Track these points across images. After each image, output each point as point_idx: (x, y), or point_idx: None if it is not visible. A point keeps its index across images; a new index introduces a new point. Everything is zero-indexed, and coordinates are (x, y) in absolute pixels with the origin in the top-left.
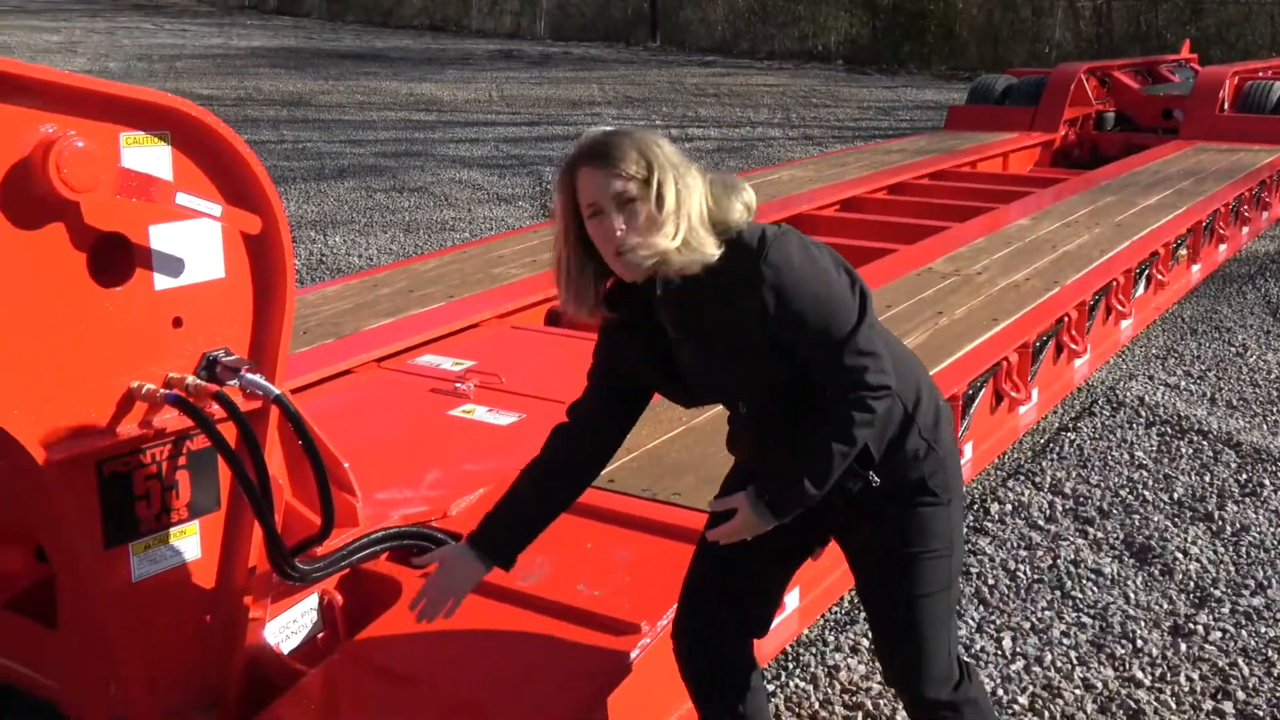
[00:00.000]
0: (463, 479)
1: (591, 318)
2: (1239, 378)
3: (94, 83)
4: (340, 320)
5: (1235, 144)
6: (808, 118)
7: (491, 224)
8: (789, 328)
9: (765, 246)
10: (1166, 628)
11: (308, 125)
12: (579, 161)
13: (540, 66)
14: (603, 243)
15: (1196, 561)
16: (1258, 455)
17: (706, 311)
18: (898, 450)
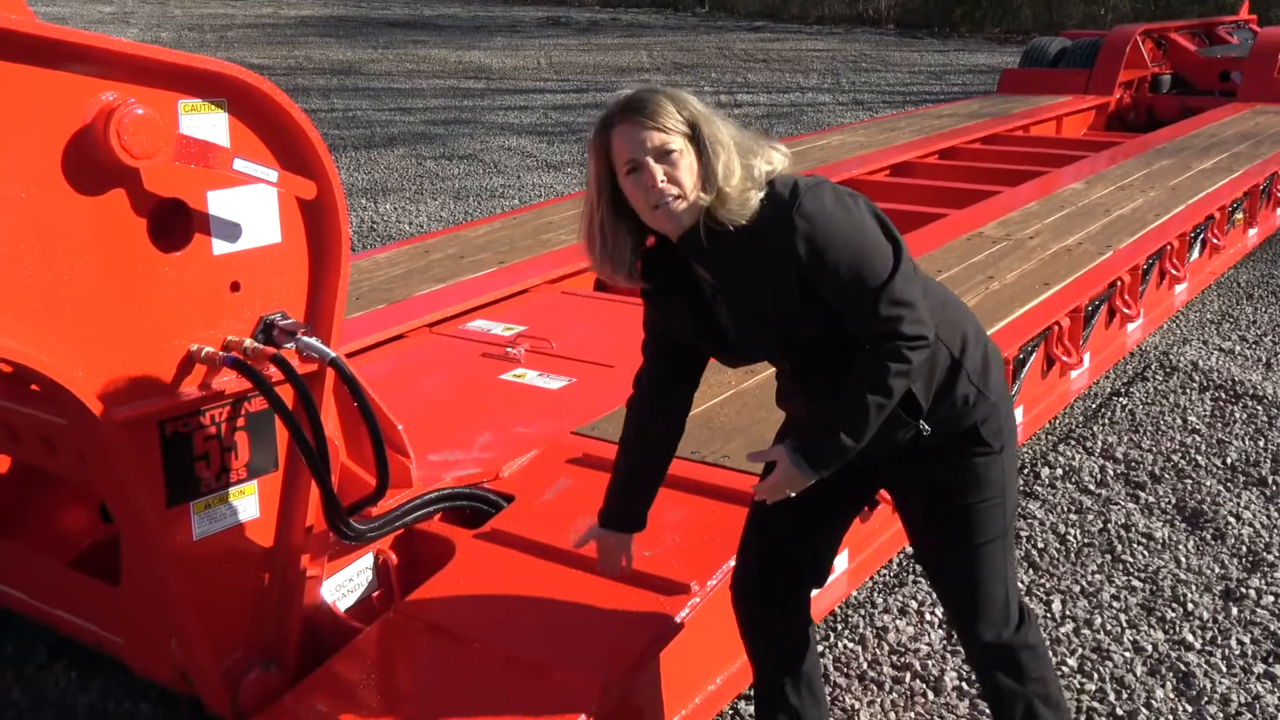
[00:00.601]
0: (514, 441)
1: (628, 283)
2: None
3: (153, 50)
4: (392, 286)
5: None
6: (858, 83)
7: (541, 190)
8: (823, 278)
9: (798, 196)
10: (1218, 591)
11: (358, 94)
12: (614, 120)
13: (589, 33)
14: (640, 196)
15: (1249, 526)
16: None
17: (742, 266)
18: (946, 397)
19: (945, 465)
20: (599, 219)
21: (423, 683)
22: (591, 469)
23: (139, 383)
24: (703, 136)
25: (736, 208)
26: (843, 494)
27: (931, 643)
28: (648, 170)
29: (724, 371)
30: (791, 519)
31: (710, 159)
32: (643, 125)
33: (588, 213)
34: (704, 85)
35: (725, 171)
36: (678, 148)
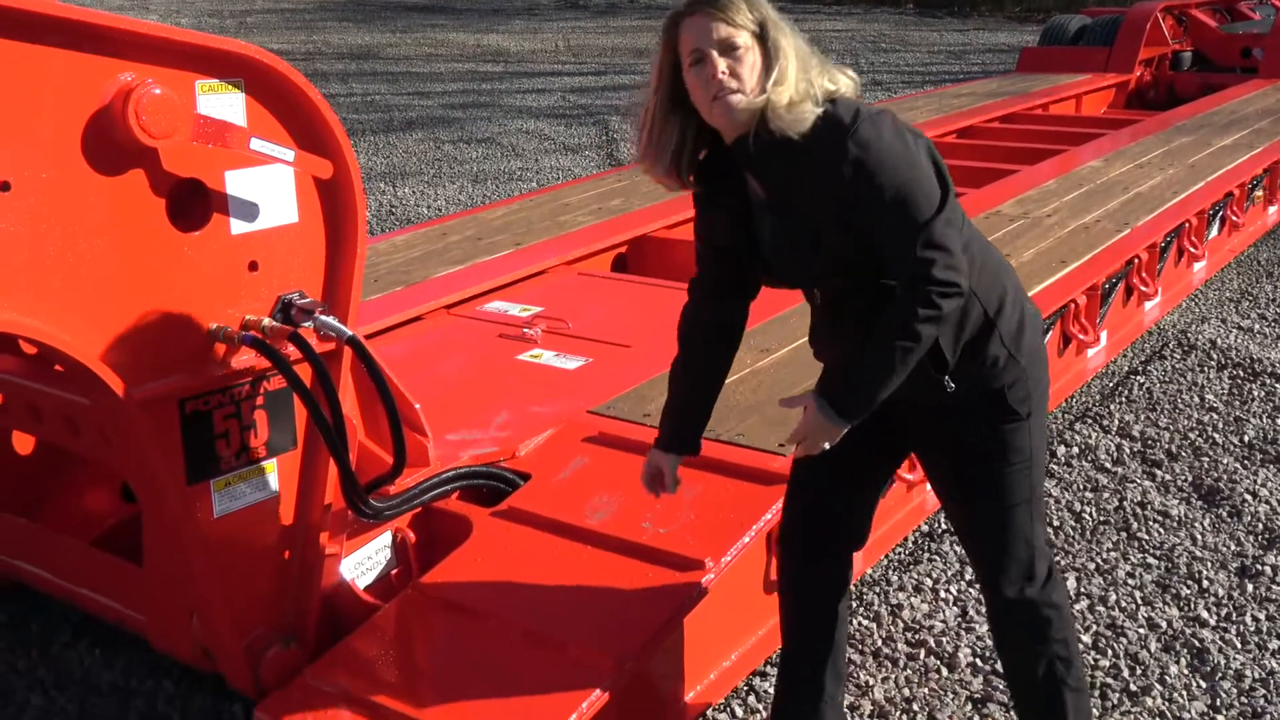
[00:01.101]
0: (531, 421)
1: (670, 182)
2: None
3: (170, 30)
4: (410, 268)
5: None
6: (877, 63)
7: (559, 173)
8: (865, 207)
9: (857, 121)
10: (1234, 569)
11: (376, 78)
12: (686, 10)
13: (606, 15)
14: (701, 88)
15: (1266, 504)
16: None
17: (790, 180)
18: (976, 356)
19: (970, 428)
20: (652, 108)
21: (440, 659)
22: (607, 447)
23: (159, 361)
24: (769, 37)
25: (790, 118)
26: (874, 452)
27: (946, 620)
28: (711, 61)
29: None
30: (828, 478)
31: (777, 63)
32: (712, 17)
33: (644, 110)
34: None
35: (782, 77)
36: (744, 43)
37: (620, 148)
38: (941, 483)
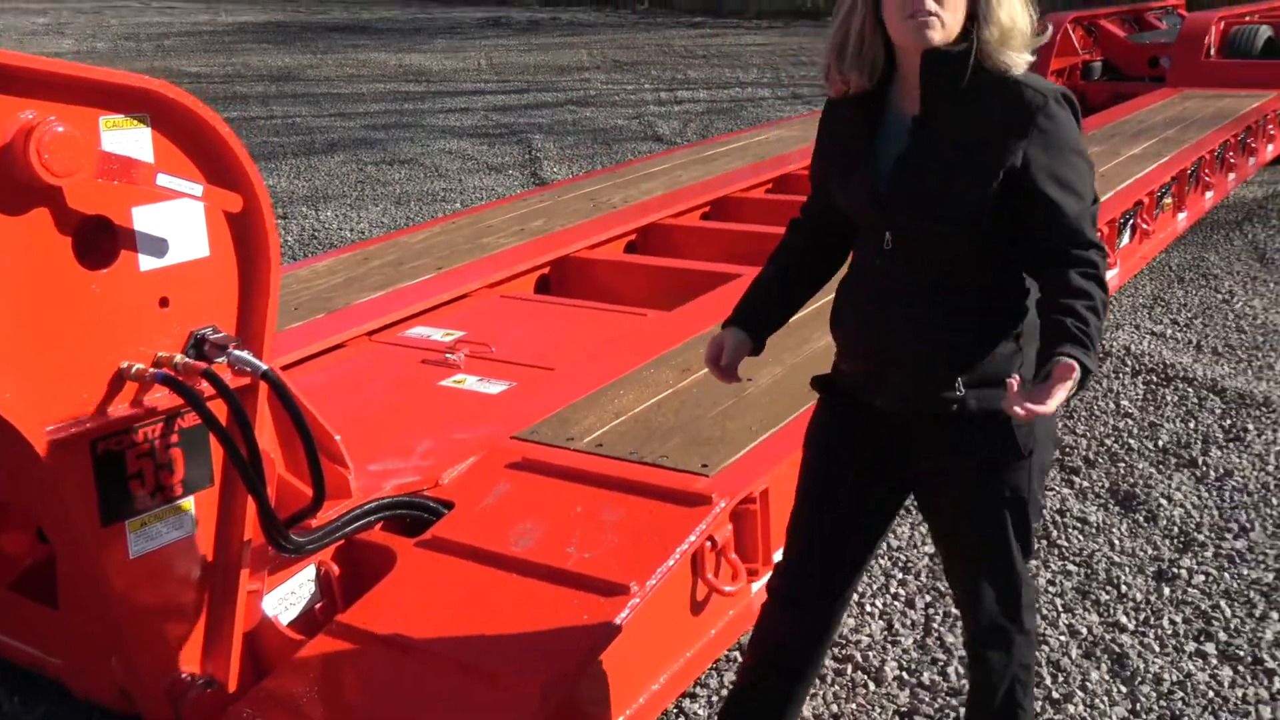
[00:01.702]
0: (454, 448)
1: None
2: (1225, 324)
3: (72, 67)
4: (331, 294)
5: (1222, 90)
6: (797, 76)
7: (482, 194)
8: (1038, 177)
9: (1059, 94)
10: (1151, 573)
11: (297, 100)
12: None
13: (529, 33)
14: (897, 3)
15: (1180, 507)
16: (1241, 401)
17: (959, 108)
18: (993, 369)
19: (972, 461)
20: (859, 21)
21: (366, 693)
22: (531, 473)
23: (69, 402)
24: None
25: (1011, 51)
26: (877, 495)
27: (872, 634)
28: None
29: (660, 370)
30: (834, 523)
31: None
32: None
33: (845, 14)
34: (644, 83)
35: (1009, 13)
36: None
37: (544, 166)
38: (936, 513)
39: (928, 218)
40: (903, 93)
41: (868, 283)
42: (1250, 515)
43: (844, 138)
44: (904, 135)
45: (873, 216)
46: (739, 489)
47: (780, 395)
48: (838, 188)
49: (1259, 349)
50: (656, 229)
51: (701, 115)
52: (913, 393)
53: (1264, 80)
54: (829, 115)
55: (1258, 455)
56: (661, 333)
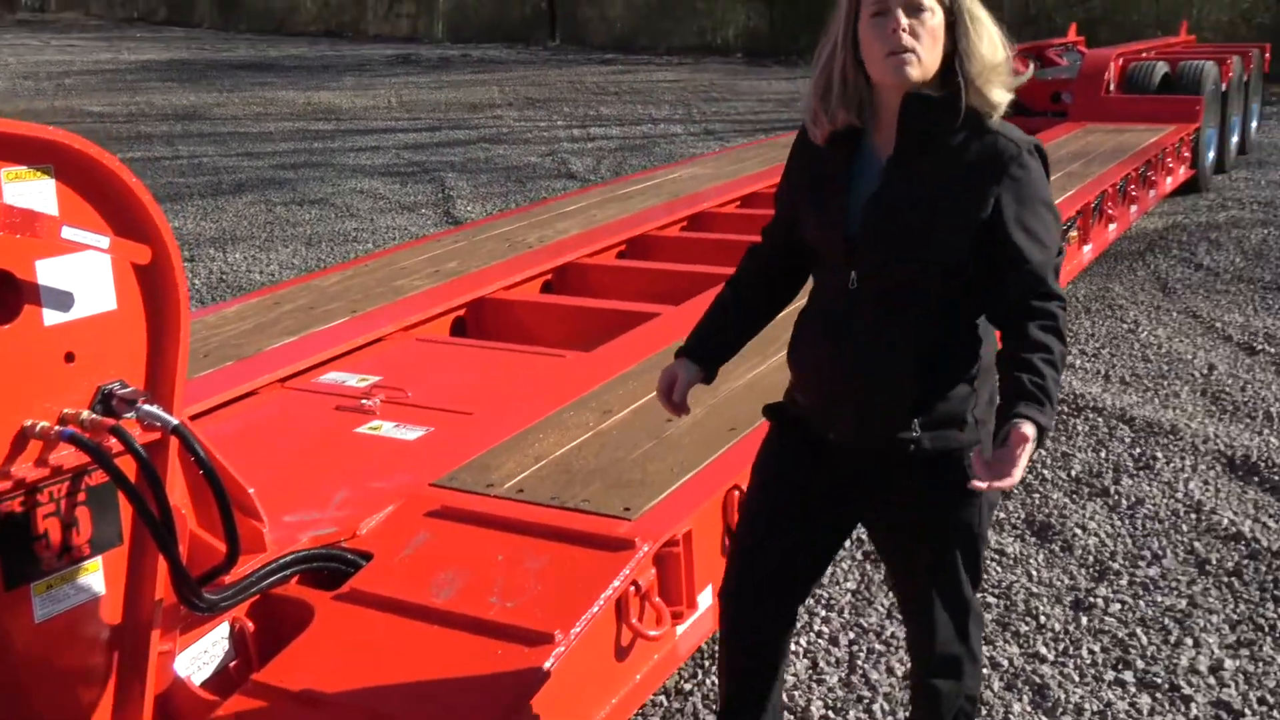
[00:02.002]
0: (371, 497)
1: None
2: (1131, 354)
3: None
4: (242, 341)
5: (1122, 124)
6: (709, 112)
7: (395, 233)
8: (1006, 224)
9: (1032, 145)
10: (1068, 602)
11: (203, 139)
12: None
13: (439, 70)
14: (877, 42)
15: (1095, 536)
16: (1150, 429)
17: (937, 157)
18: (947, 405)
19: (923, 497)
20: (840, 63)
21: None
22: (451, 521)
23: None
24: (961, 8)
25: (991, 90)
26: (826, 525)
27: (797, 673)
28: (894, 17)
29: (580, 412)
30: (780, 549)
31: (969, 30)
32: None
33: (827, 57)
34: (557, 120)
35: (990, 49)
36: (930, 6)
37: (457, 205)
38: (888, 547)
39: (896, 260)
40: (879, 133)
41: (829, 319)
42: (1162, 542)
43: (817, 172)
44: (877, 176)
45: (840, 254)
46: (662, 532)
47: (701, 436)
48: (808, 222)
49: (1165, 378)
50: (573, 268)
51: (615, 152)
52: (867, 430)
53: (1161, 115)
54: (802, 146)
55: (1167, 483)
56: (580, 374)
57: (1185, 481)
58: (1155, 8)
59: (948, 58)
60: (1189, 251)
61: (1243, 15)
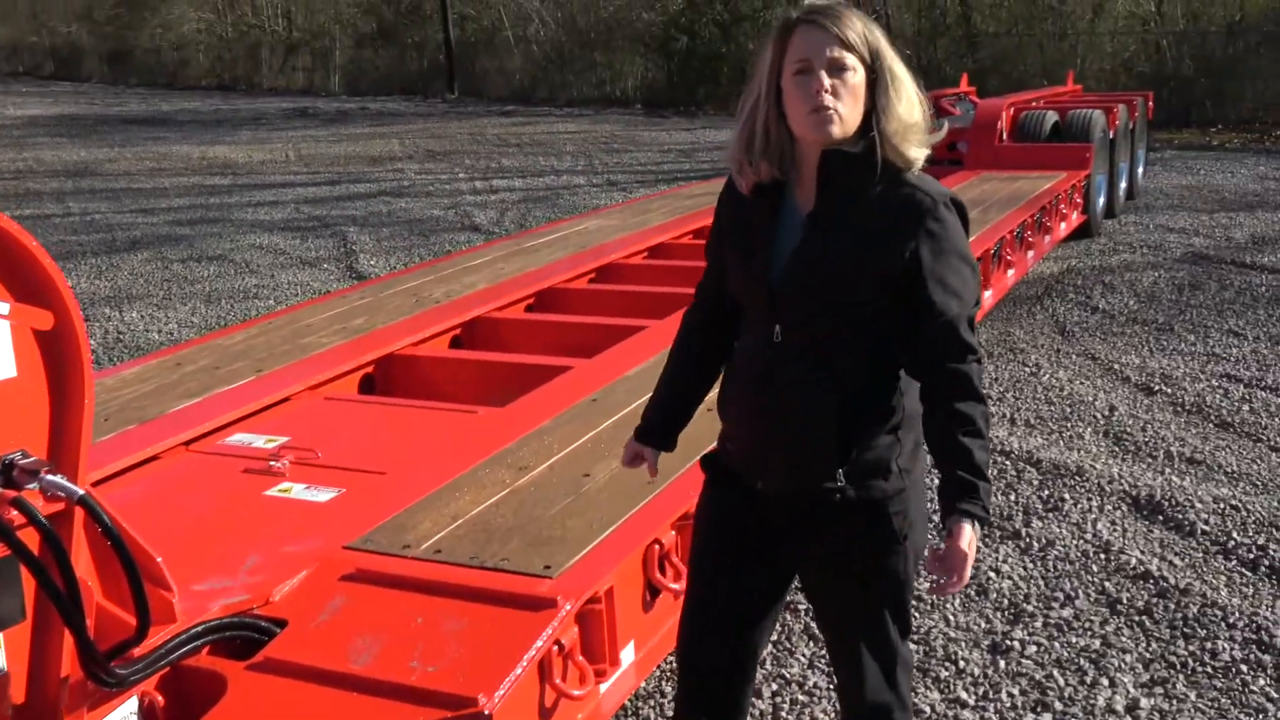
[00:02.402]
0: (284, 562)
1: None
2: (1035, 397)
3: None
4: (143, 403)
5: (1016, 172)
6: (611, 163)
7: (297, 289)
8: (922, 277)
9: (948, 199)
10: (986, 646)
11: (95, 196)
12: (800, 21)
13: (337, 123)
14: (800, 99)
15: (1009, 579)
16: (1057, 471)
17: (857, 211)
18: (873, 460)
19: (850, 545)
20: (764, 116)
21: None
22: (367, 584)
23: None
24: (883, 66)
25: (907, 147)
26: (763, 579)
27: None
28: (816, 75)
29: (496, 469)
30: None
31: (888, 89)
32: (826, 31)
33: (750, 109)
34: (459, 172)
35: (891, 110)
36: (852, 65)
37: (360, 260)
38: (818, 595)
39: (818, 313)
40: (801, 186)
41: (754, 370)
42: (1074, 583)
43: (743, 223)
44: (799, 229)
45: (764, 307)
46: (584, 589)
47: (619, 490)
48: (734, 274)
49: (1068, 420)
50: (481, 323)
51: (518, 204)
52: (794, 480)
53: (1053, 162)
54: (729, 196)
55: (1075, 524)
56: (494, 430)
57: (1093, 522)
58: (1040, 57)
59: (867, 114)
60: (1085, 295)
61: (1124, 65)
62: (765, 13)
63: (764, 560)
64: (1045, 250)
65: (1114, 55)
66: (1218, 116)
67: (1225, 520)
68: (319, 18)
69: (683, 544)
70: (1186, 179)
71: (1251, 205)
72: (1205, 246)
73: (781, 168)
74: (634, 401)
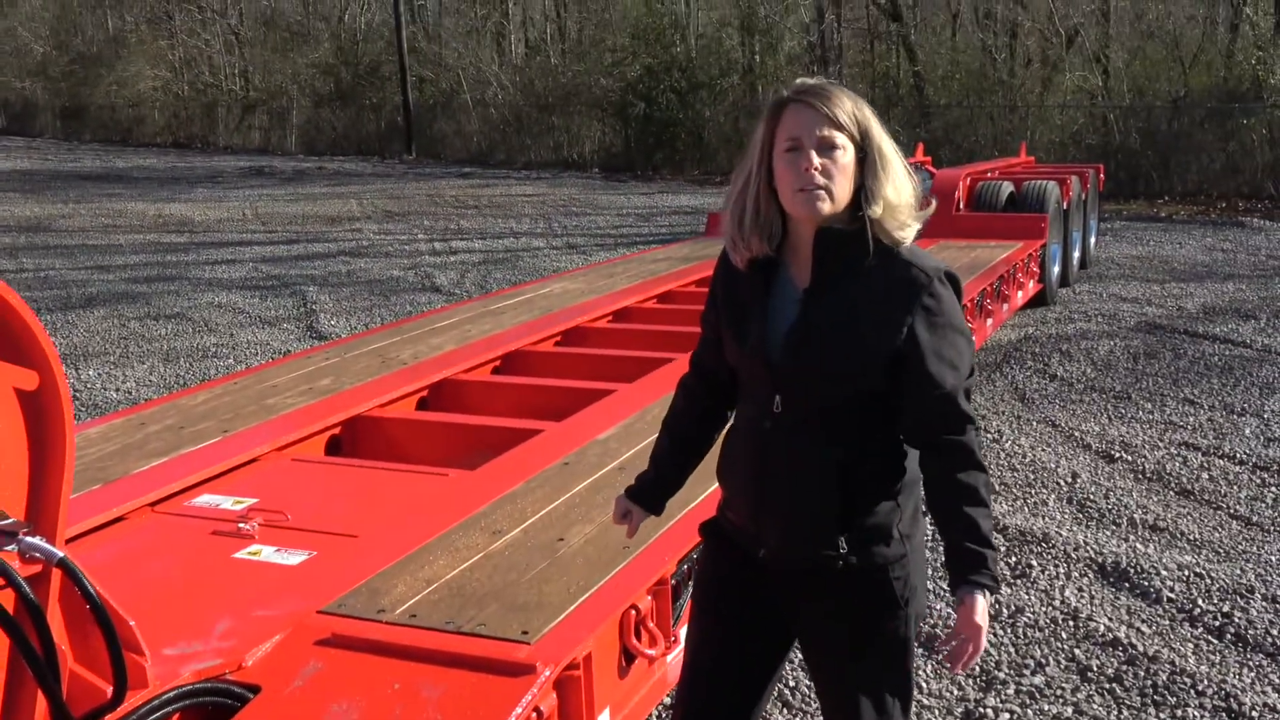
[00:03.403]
0: (256, 626)
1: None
2: (998, 463)
3: None
4: (107, 463)
5: (973, 240)
6: (570, 226)
7: (256, 348)
8: (920, 351)
9: (943, 273)
10: (959, 714)
11: (49, 252)
12: (792, 99)
13: (294, 183)
14: (790, 176)
15: None
16: (1023, 537)
17: (847, 281)
18: (873, 526)
19: (850, 612)
20: (754, 190)
21: None
22: (342, 649)
23: None
24: (872, 145)
25: (896, 226)
26: (761, 645)
27: None
28: (806, 154)
29: (470, 533)
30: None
31: (877, 169)
32: (816, 110)
33: (742, 186)
34: (418, 233)
35: (895, 189)
36: (841, 144)
37: (321, 319)
38: (818, 661)
39: (816, 385)
40: (795, 262)
41: (754, 440)
42: (1044, 650)
43: (739, 299)
44: (795, 304)
45: (763, 380)
46: (562, 655)
47: (595, 555)
48: (731, 347)
49: (1031, 486)
50: (448, 385)
51: (479, 265)
52: (795, 547)
53: (1010, 232)
54: (725, 270)
55: (1044, 591)
56: (466, 493)
57: (1061, 589)
58: (991, 128)
59: (859, 190)
60: (1043, 362)
61: (1073, 137)
62: (721, 80)
63: (764, 626)
64: (1004, 318)
65: (1063, 128)
66: (1164, 189)
67: (1190, 587)
68: (277, 78)
69: (659, 609)
70: (1137, 249)
71: (1201, 276)
72: (1158, 316)
73: (772, 244)
74: (607, 464)
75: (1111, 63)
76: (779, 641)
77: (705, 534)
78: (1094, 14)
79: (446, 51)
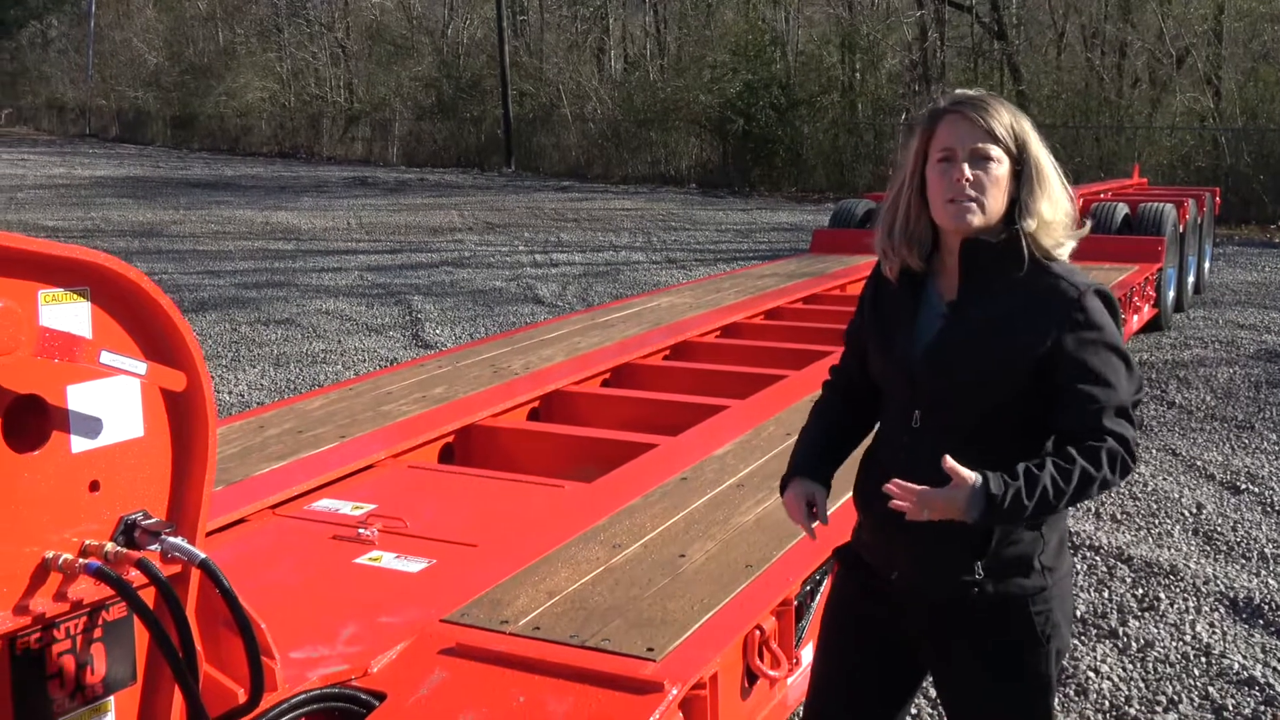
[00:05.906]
0: (381, 633)
1: (910, 261)
2: (1118, 491)
3: (10, 238)
4: (229, 465)
5: (1088, 263)
6: (669, 241)
7: (363, 355)
8: (1068, 368)
9: (1095, 289)
10: None
11: (161, 256)
12: (949, 110)
13: (396, 193)
14: (941, 186)
15: (1108, 680)
16: (1149, 569)
17: (999, 300)
18: (1014, 557)
19: (990, 647)
20: (906, 199)
21: None
22: (466, 659)
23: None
24: (1029, 159)
25: (1050, 243)
26: (893, 677)
27: None
28: (958, 165)
29: (589, 546)
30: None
31: (1033, 184)
32: (971, 121)
33: (894, 195)
34: (518, 245)
35: (1051, 205)
36: (997, 157)
37: (426, 328)
38: (952, 695)
39: (958, 401)
40: (944, 274)
41: (893, 458)
42: (1176, 687)
43: (885, 312)
44: (940, 317)
45: (904, 393)
46: (689, 674)
47: (717, 572)
48: (875, 360)
49: (1155, 516)
50: (559, 396)
51: (579, 278)
52: (930, 571)
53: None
54: (875, 284)
55: (1174, 625)
56: (583, 506)
57: (1191, 623)
58: (1097, 149)
59: (1013, 204)
60: (1160, 389)
61: (1182, 159)
62: (821, 97)
63: (896, 656)
64: None
65: (1171, 150)
66: (1278, 214)
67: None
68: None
69: (782, 630)
70: (1251, 275)
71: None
72: (1278, 344)
73: (922, 255)
74: (725, 480)
75: (1224, 84)
76: (910, 674)
77: (839, 558)
78: (1206, 34)
79: (547, 66)
